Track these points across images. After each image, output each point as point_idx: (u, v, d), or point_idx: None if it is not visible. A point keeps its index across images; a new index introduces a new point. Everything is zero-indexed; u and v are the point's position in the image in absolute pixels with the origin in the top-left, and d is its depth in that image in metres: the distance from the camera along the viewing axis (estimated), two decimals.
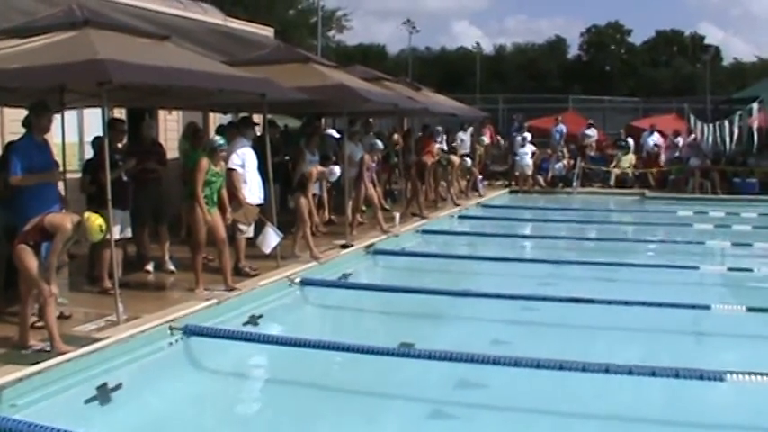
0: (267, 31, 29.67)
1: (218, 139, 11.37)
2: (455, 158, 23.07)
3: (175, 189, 13.38)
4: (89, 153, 12.51)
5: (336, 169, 14.66)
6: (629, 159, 30.68)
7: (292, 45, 25.43)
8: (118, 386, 7.48)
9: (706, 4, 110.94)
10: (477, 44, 73.44)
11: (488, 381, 8.24)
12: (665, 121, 35.01)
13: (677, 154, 30.60)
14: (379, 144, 18.47)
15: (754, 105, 23.78)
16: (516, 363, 8.14)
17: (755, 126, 24.07)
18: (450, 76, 67.94)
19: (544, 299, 11.54)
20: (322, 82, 15.23)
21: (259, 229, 12.44)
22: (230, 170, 11.89)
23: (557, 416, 7.55)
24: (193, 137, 13.20)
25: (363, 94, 16.01)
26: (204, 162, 10.77)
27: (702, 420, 7.45)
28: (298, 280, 12.04)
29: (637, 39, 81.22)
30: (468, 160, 24.51)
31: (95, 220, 7.94)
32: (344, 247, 14.80)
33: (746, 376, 7.66)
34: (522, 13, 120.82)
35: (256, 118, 14.75)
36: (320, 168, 14.40)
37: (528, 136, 30.22)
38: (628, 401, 7.88)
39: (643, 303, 10.83)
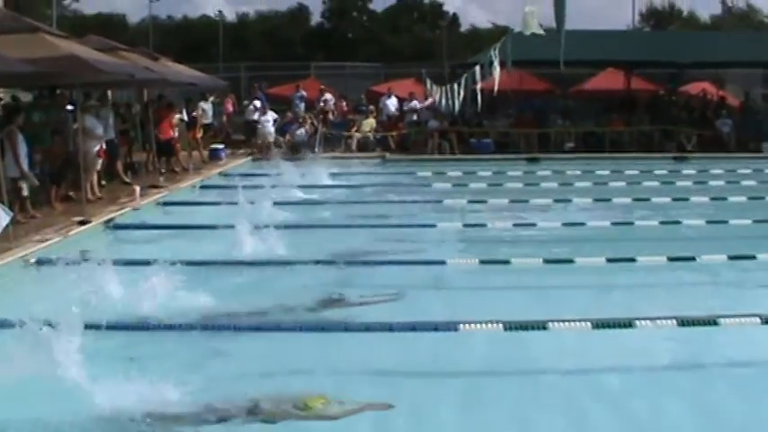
0: None
1: None
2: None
3: None
4: None
5: None
6: (370, 123, 31.20)
7: (24, 15, 24.15)
8: None
9: None
10: (220, 12, 72.22)
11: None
12: (404, 86, 35.83)
13: (415, 117, 31.43)
14: None
15: (477, 69, 24.69)
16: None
17: (479, 88, 25.00)
18: (192, 45, 66.51)
19: (288, 263, 11.62)
20: (51, 53, 14.62)
21: None
22: None
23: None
24: None
25: (95, 65, 15.50)
26: None
27: (435, 369, 7.79)
28: (33, 260, 11.53)
29: (378, 6, 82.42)
30: None
31: None
32: (82, 223, 14.26)
33: (480, 325, 8.05)
34: None
35: None
36: None
37: (257, 103, 30.36)
38: (366, 357, 8.05)
39: (383, 262, 11.07)
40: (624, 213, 16.47)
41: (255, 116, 30.57)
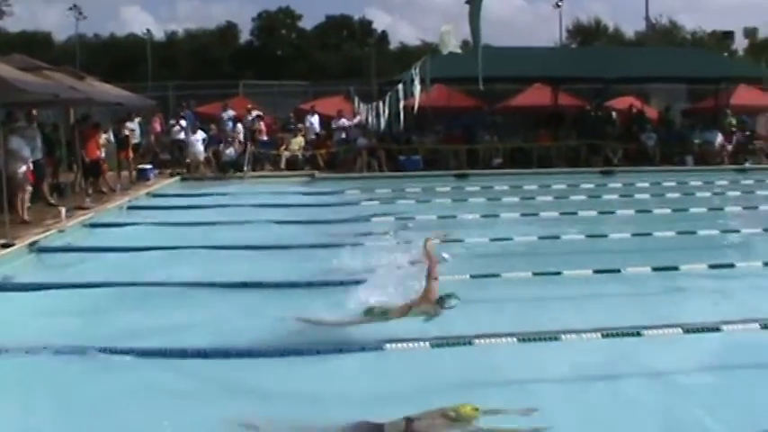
0: None
1: None
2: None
3: None
4: None
5: None
6: (299, 142, 31.15)
7: None
8: None
9: None
10: (148, 30, 71.67)
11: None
12: (332, 103, 35.87)
13: (344, 135, 31.43)
14: None
15: (400, 87, 24.75)
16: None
17: (401, 106, 25.07)
18: (120, 63, 66.07)
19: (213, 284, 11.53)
20: None
21: None
22: None
23: None
24: None
25: (17, 85, 15.21)
26: None
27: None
28: None
29: (307, 24, 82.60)
30: None
31: None
32: (5, 246, 13.93)
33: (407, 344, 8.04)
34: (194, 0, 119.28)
35: None
36: None
37: (183, 123, 30.22)
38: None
39: (293, 285, 11.03)
40: (551, 227, 16.55)
41: (181, 135, 30.36)
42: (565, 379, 7.95)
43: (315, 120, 32.98)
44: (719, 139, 32.55)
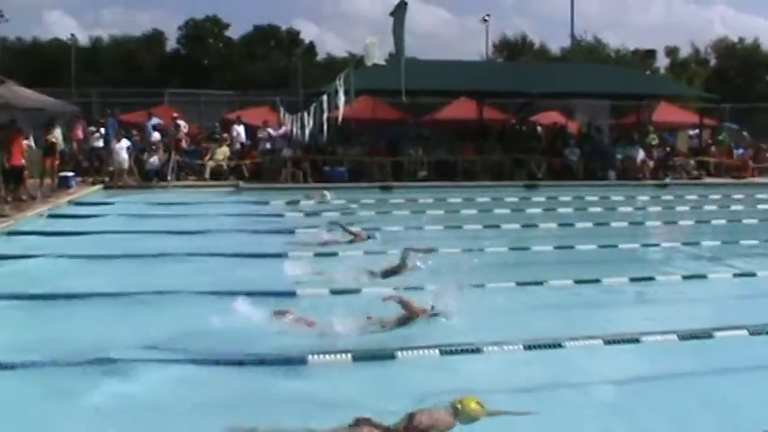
0: None
1: None
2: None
3: None
4: None
5: None
6: (224, 152, 30.91)
7: None
8: None
9: (301, 1, 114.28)
10: (73, 35, 70.65)
11: None
12: (259, 113, 35.67)
13: (269, 145, 31.29)
14: None
15: (324, 98, 24.71)
16: None
17: (325, 117, 25.04)
18: (44, 68, 65.04)
19: (130, 294, 11.26)
20: None
21: None
22: None
23: None
24: None
25: None
26: None
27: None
28: None
29: (235, 33, 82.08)
30: None
31: None
32: None
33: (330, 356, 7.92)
34: (119, 5, 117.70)
35: None
36: None
37: (103, 130, 29.87)
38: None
39: (225, 293, 10.86)
40: (474, 240, 16.61)
41: (100, 143, 29.94)
42: (486, 390, 7.91)
43: (241, 130, 32.81)
44: (641, 154, 33.10)
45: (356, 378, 8.11)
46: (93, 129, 31.12)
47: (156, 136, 31.26)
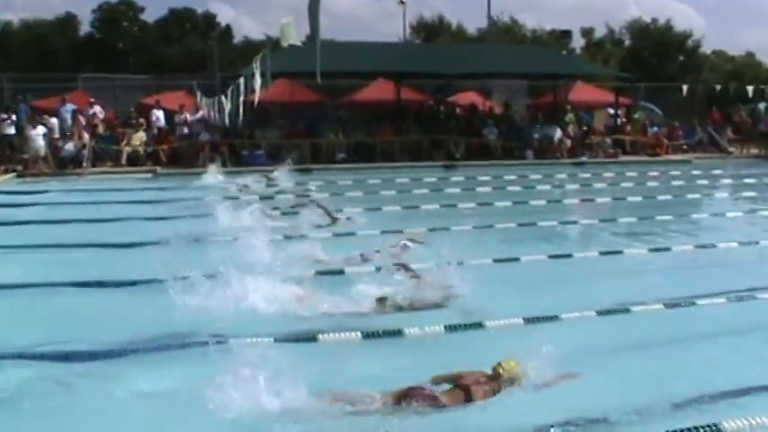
0: None
1: None
2: None
3: None
4: None
5: None
6: (140, 137, 30.43)
7: None
8: None
9: None
10: None
11: None
12: (175, 98, 35.16)
13: (186, 130, 30.91)
14: None
15: (241, 81, 24.44)
16: None
17: (241, 101, 24.77)
18: None
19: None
20: None
21: None
22: None
23: None
24: None
25: None
26: None
27: None
28: None
29: (150, 16, 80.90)
30: None
31: None
32: None
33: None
34: None
35: None
36: None
37: (15, 117, 29.25)
38: None
39: (135, 282, 10.69)
40: (395, 221, 16.57)
41: (12, 130, 29.28)
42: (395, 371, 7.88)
43: (161, 114, 32.35)
44: (558, 133, 33.44)
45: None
46: (4, 116, 30.32)
47: (71, 122, 30.61)
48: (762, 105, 40.41)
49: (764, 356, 8.44)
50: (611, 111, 39.69)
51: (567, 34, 72.05)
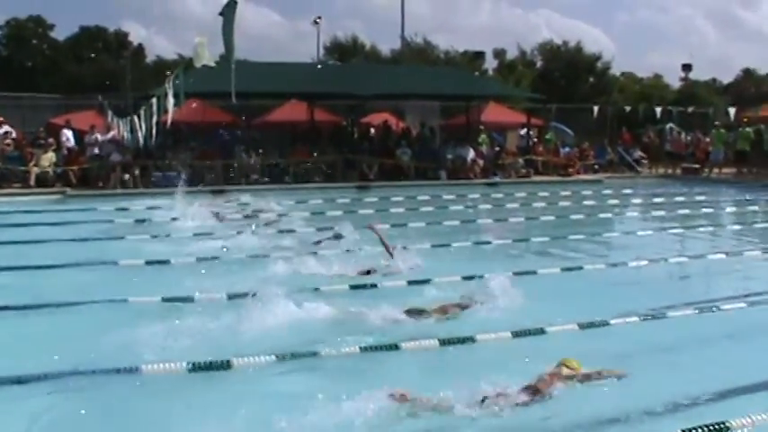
0: None
1: None
2: None
3: None
4: None
5: None
6: (50, 158, 29.86)
7: None
8: None
9: (129, 2, 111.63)
10: None
11: None
12: (86, 117, 34.64)
13: (97, 150, 30.42)
14: None
15: (153, 101, 24.16)
16: None
17: (154, 121, 24.49)
18: None
19: None
20: None
21: None
22: None
23: None
24: None
25: None
26: None
27: None
28: None
29: (60, 34, 79.48)
30: None
31: None
32: None
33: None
34: None
35: None
36: None
37: None
38: None
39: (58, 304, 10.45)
40: (306, 244, 16.47)
41: None
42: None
43: (70, 134, 31.88)
44: (471, 154, 33.76)
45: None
46: None
47: None
48: (669, 126, 41.42)
49: (675, 372, 8.58)
50: (524, 131, 40.26)
51: (479, 56, 72.85)
